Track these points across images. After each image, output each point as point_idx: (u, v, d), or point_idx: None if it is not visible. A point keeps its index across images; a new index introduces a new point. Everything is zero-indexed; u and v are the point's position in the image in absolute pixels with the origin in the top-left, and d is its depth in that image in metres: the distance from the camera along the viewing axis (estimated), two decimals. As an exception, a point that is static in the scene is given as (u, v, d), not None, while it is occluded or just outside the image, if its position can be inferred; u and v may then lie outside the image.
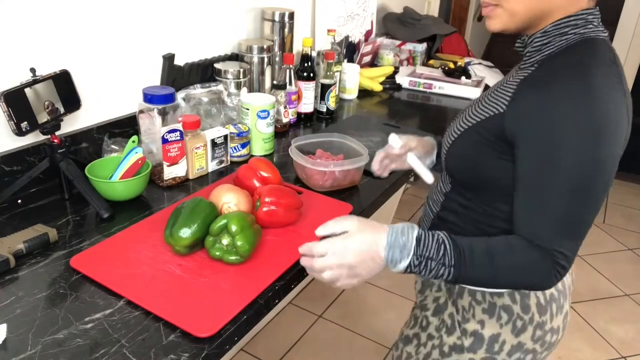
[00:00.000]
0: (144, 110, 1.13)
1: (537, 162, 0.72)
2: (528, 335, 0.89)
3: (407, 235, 0.76)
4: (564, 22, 0.75)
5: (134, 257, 0.87)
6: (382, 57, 2.25)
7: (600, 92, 0.69)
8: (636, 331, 2.23)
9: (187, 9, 1.37)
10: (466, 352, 0.91)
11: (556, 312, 0.90)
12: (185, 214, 0.88)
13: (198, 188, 1.17)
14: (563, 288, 0.91)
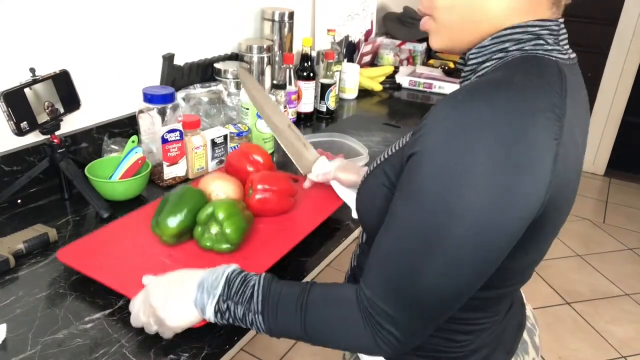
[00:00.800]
0: (144, 110, 1.13)
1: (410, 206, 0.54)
2: None
3: (218, 275, 0.64)
4: (505, 34, 0.57)
5: (122, 248, 0.84)
6: (382, 56, 2.25)
7: (517, 129, 0.49)
8: (636, 331, 2.22)
9: (187, 9, 1.37)
10: None
11: None
12: (171, 203, 0.84)
13: (198, 188, 1.17)
14: None
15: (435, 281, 0.53)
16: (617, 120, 3.60)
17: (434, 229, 0.51)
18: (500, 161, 0.49)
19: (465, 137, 0.50)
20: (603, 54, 3.49)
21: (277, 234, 0.91)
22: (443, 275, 0.53)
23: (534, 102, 0.51)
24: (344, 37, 2.04)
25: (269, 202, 0.94)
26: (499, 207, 0.50)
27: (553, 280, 2.53)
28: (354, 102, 1.87)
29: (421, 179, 0.52)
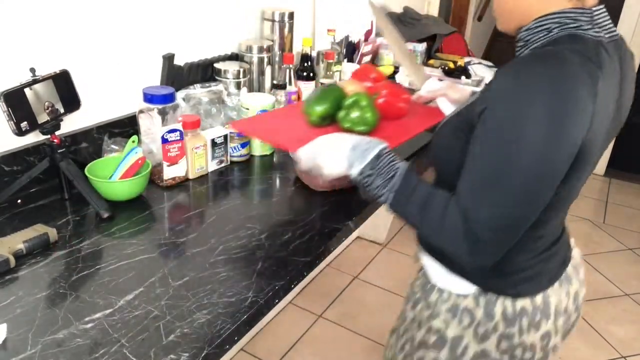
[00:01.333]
0: (144, 110, 1.13)
1: (481, 140, 0.71)
2: (492, 344, 0.85)
3: (371, 146, 0.80)
4: (549, 18, 0.74)
5: (280, 124, 1.13)
6: (382, 57, 2.24)
7: (564, 85, 0.65)
8: (636, 331, 2.23)
9: (187, 9, 1.37)
10: (431, 349, 0.90)
11: (528, 328, 0.84)
12: (319, 94, 1.12)
13: (198, 188, 1.17)
14: (543, 305, 0.85)
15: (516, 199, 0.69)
16: (617, 120, 3.60)
17: (505, 162, 0.67)
18: (553, 111, 0.65)
19: (527, 93, 0.66)
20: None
21: (395, 129, 1.12)
22: (521, 194, 0.68)
23: (576, 68, 0.66)
24: (344, 37, 2.04)
25: (389, 105, 1.17)
26: (553, 145, 0.66)
27: (553, 280, 2.53)
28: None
29: (493, 126, 0.69)
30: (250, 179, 1.24)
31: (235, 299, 0.81)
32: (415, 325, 0.94)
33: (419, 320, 0.93)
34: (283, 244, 0.97)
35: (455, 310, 0.87)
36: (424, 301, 0.92)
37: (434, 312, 0.89)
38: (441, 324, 0.88)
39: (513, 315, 0.84)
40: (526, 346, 0.86)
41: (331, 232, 1.02)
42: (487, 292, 0.84)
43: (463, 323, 0.86)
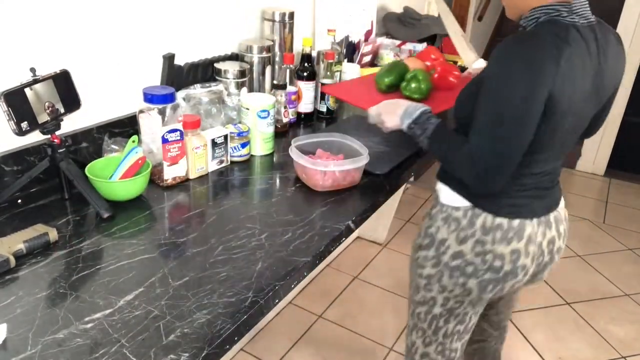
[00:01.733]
0: (144, 110, 1.13)
1: (482, 96, 0.98)
2: (469, 247, 1.09)
3: (417, 109, 1.14)
4: (539, 9, 0.99)
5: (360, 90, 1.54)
6: (382, 57, 2.24)
7: (530, 56, 0.92)
8: (636, 331, 2.23)
9: (187, 9, 1.37)
10: (422, 249, 1.17)
11: (500, 240, 1.07)
12: (387, 68, 1.51)
13: (198, 188, 1.17)
14: (518, 229, 1.07)
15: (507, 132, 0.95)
16: (617, 120, 3.60)
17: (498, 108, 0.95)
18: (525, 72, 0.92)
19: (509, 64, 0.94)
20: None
21: (442, 99, 1.47)
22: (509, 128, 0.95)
23: (543, 42, 0.93)
24: (344, 37, 2.04)
25: (441, 79, 1.53)
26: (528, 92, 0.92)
27: (553, 280, 2.53)
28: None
29: (489, 85, 0.96)
30: (250, 179, 1.24)
31: (235, 299, 0.81)
32: (418, 234, 1.21)
33: (420, 230, 1.21)
34: (283, 244, 0.97)
35: (448, 219, 1.12)
36: (428, 216, 1.19)
37: (432, 222, 1.15)
38: (434, 230, 1.14)
39: (490, 227, 1.07)
40: (496, 254, 1.08)
41: (331, 232, 1.02)
42: (475, 208, 1.08)
43: (450, 228, 1.11)
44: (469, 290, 1.12)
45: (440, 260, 1.12)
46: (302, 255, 0.94)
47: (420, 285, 1.18)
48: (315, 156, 1.24)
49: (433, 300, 1.17)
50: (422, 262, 1.16)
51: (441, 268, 1.12)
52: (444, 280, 1.13)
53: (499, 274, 1.08)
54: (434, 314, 1.18)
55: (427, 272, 1.15)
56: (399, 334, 2.13)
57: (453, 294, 1.14)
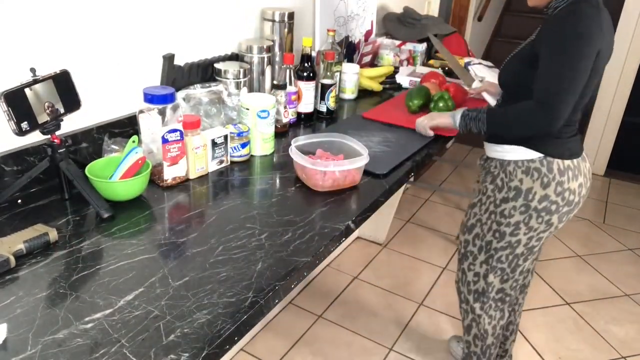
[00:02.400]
0: (144, 110, 1.13)
1: (545, 59, 1.23)
2: (552, 189, 1.34)
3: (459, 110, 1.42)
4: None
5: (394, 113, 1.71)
6: (382, 57, 2.25)
7: (585, 20, 1.19)
8: (636, 331, 2.23)
9: (187, 9, 1.37)
10: (510, 201, 1.39)
11: (572, 178, 1.35)
12: (415, 92, 1.72)
13: (198, 188, 1.17)
14: (579, 166, 1.36)
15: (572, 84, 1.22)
16: (617, 120, 3.60)
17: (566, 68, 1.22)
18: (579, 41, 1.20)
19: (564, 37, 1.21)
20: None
21: None
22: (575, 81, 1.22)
23: (589, 20, 1.20)
24: (344, 37, 2.04)
25: (456, 95, 1.76)
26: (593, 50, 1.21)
27: (553, 280, 2.53)
28: (354, 102, 1.87)
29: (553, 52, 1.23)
30: (250, 179, 1.24)
31: (235, 299, 0.81)
32: (496, 191, 1.43)
33: (498, 187, 1.42)
34: (283, 244, 0.97)
35: (528, 170, 1.36)
36: (502, 172, 1.41)
37: (511, 177, 1.38)
38: (517, 182, 1.37)
39: (564, 169, 1.34)
40: (571, 190, 1.36)
41: (331, 232, 1.02)
42: (547, 157, 1.34)
43: (533, 177, 1.35)
44: (551, 224, 1.39)
45: (529, 206, 1.36)
46: (302, 255, 0.94)
47: (506, 232, 1.42)
48: (315, 156, 1.24)
49: (518, 242, 1.42)
50: (510, 211, 1.39)
51: (530, 212, 1.37)
52: (531, 222, 1.38)
53: (572, 205, 1.38)
54: (516, 253, 1.45)
55: (515, 220, 1.39)
56: (399, 334, 2.13)
57: (537, 231, 1.40)
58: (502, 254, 1.46)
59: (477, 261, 1.53)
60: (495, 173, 1.44)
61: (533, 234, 1.41)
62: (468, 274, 1.57)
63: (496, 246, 1.46)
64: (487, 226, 1.47)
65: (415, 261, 2.64)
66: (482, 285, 1.54)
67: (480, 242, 1.50)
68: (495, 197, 1.43)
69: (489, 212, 1.46)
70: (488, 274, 1.51)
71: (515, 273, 1.49)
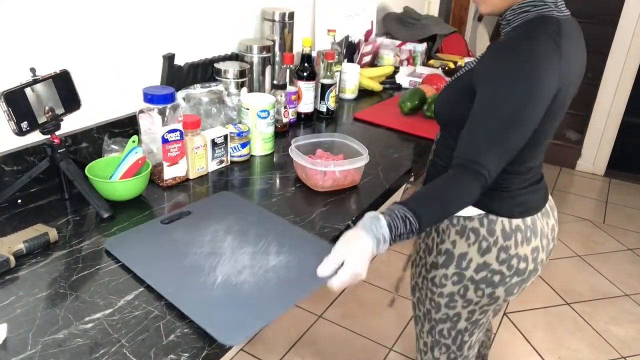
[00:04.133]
0: (144, 110, 1.13)
1: (480, 104, 0.94)
2: (493, 256, 1.06)
3: (381, 228, 0.87)
4: (526, 3, 0.97)
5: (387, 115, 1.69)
6: (382, 57, 2.25)
7: (536, 58, 0.91)
8: (636, 331, 2.23)
9: (187, 9, 1.37)
10: (440, 268, 1.12)
11: (521, 242, 1.06)
12: (409, 94, 1.69)
13: (198, 188, 1.17)
14: (532, 226, 1.07)
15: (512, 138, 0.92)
16: (617, 120, 3.60)
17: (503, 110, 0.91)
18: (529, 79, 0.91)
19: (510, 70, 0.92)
20: (603, 55, 3.49)
21: None
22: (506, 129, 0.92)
23: (543, 46, 0.91)
24: (344, 37, 2.04)
25: None
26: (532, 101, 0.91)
27: (553, 280, 2.53)
28: (354, 102, 1.87)
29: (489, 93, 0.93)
30: (250, 179, 1.24)
31: (235, 299, 0.81)
32: (426, 252, 1.16)
33: (429, 247, 1.15)
34: (283, 244, 0.97)
35: (463, 231, 1.08)
36: (435, 232, 1.14)
37: (443, 237, 1.11)
38: (449, 245, 1.10)
39: (510, 231, 1.06)
40: (520, 257, 1.07)
41: (331, 232, 1.02)
42: (489, 215, 1.06)
43: (469, 240, 1.07)
44: (496, 299, 1.11)
45: (463, 275, 1.09)
46: (302, 255, 0.93)
47: (441, 304, 1.15)
48: (315, 156, 1.24)
49: (457, 316, 1.15)
50: (441, 280, 1.12)
51: (465, 283, 1.09)
52: (468, 294, 1.10)
53: (524, 275, 1.09)
54: (459, 329, 1.17)
55: (448, 290, 1.12)
56: (399, 334, 2.13)
57: (479, 305, 1.12)
58: (442, 327, 1.19)
59: (424, 330, 1.25)
60: (428, 230, 1.17)
61: (474, 307, 1.13)
62: (419, 341, 1.30)
63: (435, 317, 1.19)
64: (423, 292, 1.19)
65: (415, 261, 2.63)
66: (430, 359, 1.28)
67: (423, 308, 1.22)
68: (425, 261, 1.17)
69: (422, 277, 1.19)
70: (434, 347, 1.24)
71: (463, 350, 1.21)
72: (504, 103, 0.91)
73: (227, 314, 0.75)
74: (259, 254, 0.90)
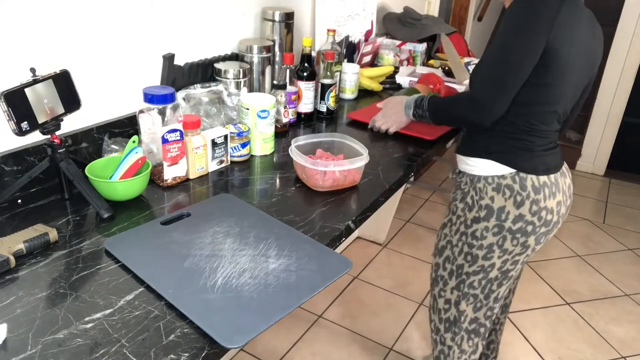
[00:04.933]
0: (144, 110, 1.13)
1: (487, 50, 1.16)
2: (526, 208, 1.21)
3: (413, 98, 1.38)
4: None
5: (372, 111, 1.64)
6: (382, 57, 2.25)
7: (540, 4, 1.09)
8: (636, 331, 2.23)
9: (187, 9, 1.37)
10: (482, 221, 1.26)
11: (549, 195, 1.22)
12: (404, 92, 1.70)
13: (198, 188, 1.17)
14: (556, 182, 1.24)
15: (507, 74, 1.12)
16: (617, 120, 3.60)
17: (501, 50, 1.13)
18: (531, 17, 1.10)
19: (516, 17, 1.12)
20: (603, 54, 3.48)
21: None
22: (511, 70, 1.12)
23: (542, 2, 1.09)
24: (344, 37, 2.04)
25: None
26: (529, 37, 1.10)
27: (553, 280, 2.53)
28: (354, 102, 1.87)
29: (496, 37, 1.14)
30: (250, 179, 1.24)
31: (235, 299, 0.81)
32: (466, 210, 1.29)
33: (469, 205, 1.29)
34: (283, 244, 0.97)
35: (499, 187, 1.23)
36: (472, 190, 1.27)
37: (482, 195, 1.25)
38: (488, 201, 1.24)
39: (539, 186, 1.21)
40: (548, 209, 1.23)
41: (331, 232, 1.02)
42: (519, 173, 1.21)
43: (505, 195, 1.22)
44: (527, 247, 1.26)
45: (502, 227, 1.23)
46: (302, 255, 0.93)
47: (479, 255, 1.28)
48: (315, 156, 1.24)
49: (491, 266, 1.28)
50: (482, 233, 1.26)
51: (504, 234, 1.24)
52: (506, 244, 1.25)
53: (550, 225, 1.25)
54: (490, 278, 1.30)
55: (488, 242, 1.26)
56: (399, 334, 2.13)
57: (512, 254, 1.26)
58: (474, 279, 1.31)
59: (448, 287, 1.37)
60: (466, 190, 1.30)
61: (508, 257, 1.27)
62: (439, 301, 1.41)
63: (468, 270, 1.31)
64: (458, 248, 1.32)
65: (415, 261, 2.63)
66: (454, 314, 1.38)
67: (451, 266, 1.35)
68: (465, 217, 1.29)
69: (459, 233, 1.31)
70: (460, 301, 1.36)
71: (490, 300, 1.34)
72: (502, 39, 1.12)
73: (228, 316, 0.75)
74: (258, 257, 0.90)
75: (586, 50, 1.16)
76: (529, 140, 1.20)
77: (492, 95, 1.14)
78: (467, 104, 1.19)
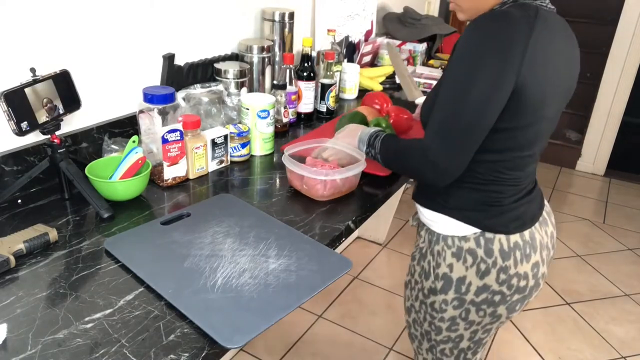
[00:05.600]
0: (144, 110, 1.13)
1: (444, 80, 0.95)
2: (492, 278, 1.02)
3: (369, 131, 1.11)
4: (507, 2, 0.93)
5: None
6: (382, 57, 2.24)
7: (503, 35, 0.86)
8: (636, 331, 2.23)
9: (187, 9, 1.37)
10: (439, 293, 1.07)
11: (521, 260, 1.01)
12: (348, 117, 1.39)
13: (198, 188, 1.17)
14: (531, 240, 1.02)
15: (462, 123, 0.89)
16: (617, 120, 3.60)
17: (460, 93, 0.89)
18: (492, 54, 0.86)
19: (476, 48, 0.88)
20: (603, 54, 3.49)
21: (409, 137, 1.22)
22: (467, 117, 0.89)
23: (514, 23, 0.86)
24: (344, 37, 2.04)
25: (398, 122, 1.46)
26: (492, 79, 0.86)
27: (553, 280, 2.53)
28: (354, 102, 1.87)
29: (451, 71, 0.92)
30: (250, 179, 1.24)
31: (235, 299, 0.81)
32: (423, 277, 1.11)
33: (425, 272, 1.10)
34: (283, 244, 0.97)
35: (459, 253, 1.02)
36: (430, 254, 1.08)
37: (439, 261, 1.06)
38: (446, 269, 1.05)
39: (508, 250, 1.00)
40: (520, 275, 1.02)
41: (331, 232, 1.02)
42: (485, 233, 1.00)
43: (467, 263, 1.02)
44: (498, 317, 1.08)
45: (463, 300, 1.05)
46: (302, 255, 0.93)
47: (443, 327, 1.11)
48: (308, 164, 1.16)
49: (460, 337, 1.11)
50: (441, 306, 1.08)
51: (467, 306, 1.06)
52: (470, 316, 1.07)
53: (526, 292, 1.05)
54: (461, 348, 1.14)
55: (449, 315, 1.08)
56: (399, 334, 2.13)
57: (482, 324, 1.09)
58: (444, 347, 1.15)
59: (423, 348, 1.21)
60: (423, 250, 1.12)
61: (477, 327, 1.09)
62: (418, 356, 1.26)
63: (436, 338, 1.14)
64: (421, 315, 1.15)
65: (415, 261, 2.63)
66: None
67: (420, 329, 1.18)
68: (422, 285, 1.11)
69: (419, 301, 1.14)
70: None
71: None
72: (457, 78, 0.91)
73: (228, 316, 0.75)
74: (258, 257, 0.90)
75: (565, 71, 0.95)
76: (498, 191, 0.98)
77: (449, 153, 0.91)
78: (420, 159, 0.94)
